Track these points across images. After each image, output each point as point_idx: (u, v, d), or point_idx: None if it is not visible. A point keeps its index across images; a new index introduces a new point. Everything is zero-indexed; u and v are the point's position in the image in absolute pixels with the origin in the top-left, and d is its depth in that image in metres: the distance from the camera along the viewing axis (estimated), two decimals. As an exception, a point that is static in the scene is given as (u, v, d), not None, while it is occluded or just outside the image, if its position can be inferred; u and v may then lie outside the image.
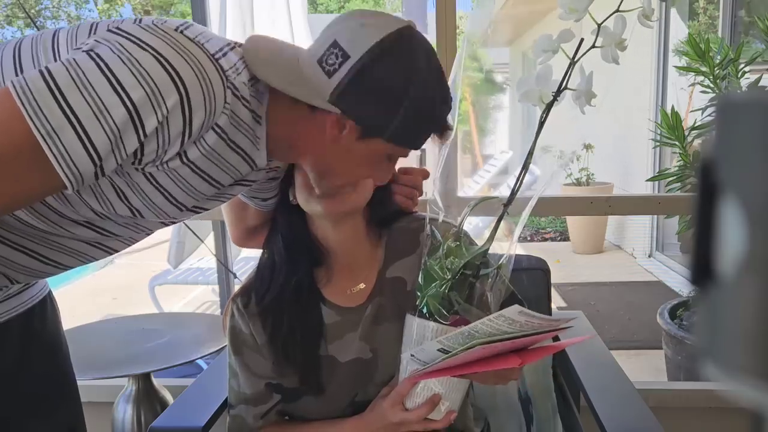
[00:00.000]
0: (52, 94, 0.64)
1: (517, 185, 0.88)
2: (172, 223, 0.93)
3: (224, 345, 1.80)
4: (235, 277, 2.28)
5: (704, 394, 1.75)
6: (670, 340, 2.64)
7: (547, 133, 0.85)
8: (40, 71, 0.66)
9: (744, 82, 2.52)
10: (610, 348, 1.35)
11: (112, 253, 0.94)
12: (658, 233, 5.05)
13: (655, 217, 4.88)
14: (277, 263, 1.01)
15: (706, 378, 0.39)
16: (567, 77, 0.82)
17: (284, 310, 1.00)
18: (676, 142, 2.52)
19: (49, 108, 0.64)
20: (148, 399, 1.72)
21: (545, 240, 6.28)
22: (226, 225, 1.15)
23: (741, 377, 0.20)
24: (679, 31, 4.74)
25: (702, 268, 0.21)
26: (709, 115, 2.59)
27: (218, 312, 3.11)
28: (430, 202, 0.99)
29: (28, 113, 0.64)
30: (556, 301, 4.06)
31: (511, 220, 0.90)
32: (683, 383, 2.37)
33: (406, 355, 0.92)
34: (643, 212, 3.63)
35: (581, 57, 0.80)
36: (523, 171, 0.88)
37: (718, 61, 2.51)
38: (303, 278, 1.01)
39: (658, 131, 2.66)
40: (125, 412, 1.68)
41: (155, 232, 0.95)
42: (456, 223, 0.99)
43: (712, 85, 2.55)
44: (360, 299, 1.03)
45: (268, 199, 1.04)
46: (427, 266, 0.93)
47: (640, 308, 3.94)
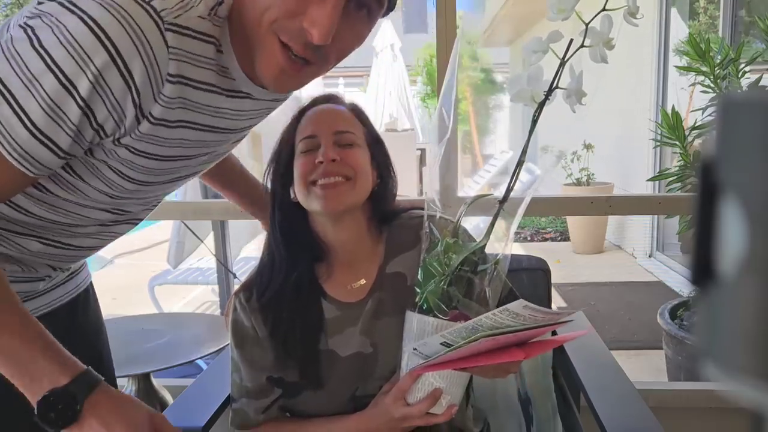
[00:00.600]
0: None
1: (512, 182, 0.88)
2: (196, 173, 0.92)
3: (224, 345, 1.80)
4: (235, 277, 2.28)
5: (704, 395, 1.75)
6: (671, 340, 2.64)
7: (547, 134, 0.86)
8: None
9: (744, 82, 2.52)
10: (610, 348, 1.35)
11: (137, 223, 0.94)
12: (659, 233, 5.05)
13: (656, 217, 4.88)
14: (277, 260, 1.02)
15: (706, 378, 0.39)
16: (558, 77, 0.82)
17: (285, 305, 1.01)
18: (677, 142, 2.52)
19: None
20: (148, 399, 1.72)
21: (545, 240, 6.28)
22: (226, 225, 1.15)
23: (741, 377, 0.20)
24: (680, 30, 4.74)
25: (702, 268, 0.21)
26: (710, 115, 2.59)
27: (218, 312, 3.11)
28: (427, 200, 0.99)
29: None
30: (556, 301, 4.06)
31: (509, 220, 0.90)
32: (683, 383, 2.37)
33: (407, 350, 0.92)
34: (644, 212, 3.63)
35: (570, 57, 0.81)
36: (518, 168, 0.88)
37: (718, 61, 2.51)
38: (304, 273, 1.01)
39: (659, 131, 2.66)
40: (125, 412, 1.68)
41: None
42: (454, 220, 0.99)
43: (712, 85, 2.54)
44: (360, 294, 1.04)
45: None
46: (425, 263, 0.94)
47: (640, 308, 3.94)
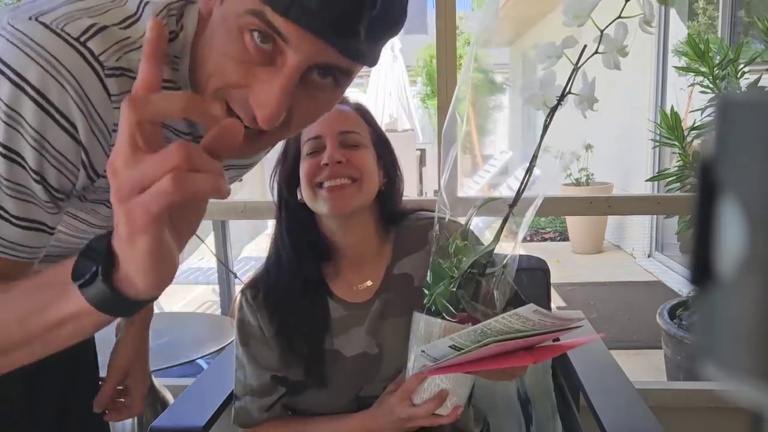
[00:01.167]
0: None
1: (522, 187, 0.88)
2: None
3: (224, 345, 1.80)
4: (236, 277, 2.28)
5: (704, 394, 1.75)
6: (670, 340, 2.64)
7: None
8: None
9: (743, 83, 2.52)
10: (609, 348, 1.35)
11: None
12: (658, 233, 5.05)
13: (655, 217, 4.88)
14: (284, 259, 1.02)
15: (706, 378, 0.39)
16: (570, 82, 0.82)
17: (292, 304, 1.01)
18: (676, 143, 2.52)
19: None
20: (149, 399, 1.71)
21: (545, 240, 6.28)
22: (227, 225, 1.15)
23: (741, 377, 0.20)
24: (679, 31, 4.74)
25: (701, 268, 0.21)
26: (709, 115, 2.59)
27: (218, 312, 3.11)
28: (438, 202, 0.99)
29: None
30: (556, 301, 4.06)
31: (517, 222, 0.90)
32: (683, 383, 2.37)
33: (414, 351, 0.92)
34: (643, 212, 3.63)
35: (584, 63, 0.80)
36: (528, 174, 0.88)
37: (717, 62, 2.52)
38: (311, 273, 1.02)
39: (658, 131, 2.66)
40: (125, 412, 1.68)
41: None
42: (462, 223, 1.00)
43: (711, 86, 2.55)
44: (367, 295, 1.04)
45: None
46: (435, 265, 0.94)
47: (639, 308, 3.94)
